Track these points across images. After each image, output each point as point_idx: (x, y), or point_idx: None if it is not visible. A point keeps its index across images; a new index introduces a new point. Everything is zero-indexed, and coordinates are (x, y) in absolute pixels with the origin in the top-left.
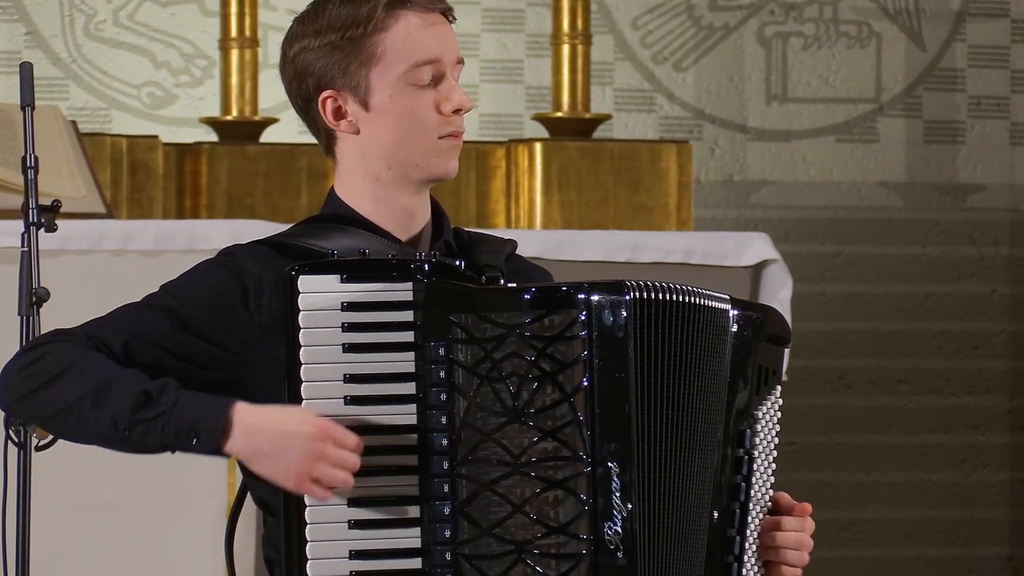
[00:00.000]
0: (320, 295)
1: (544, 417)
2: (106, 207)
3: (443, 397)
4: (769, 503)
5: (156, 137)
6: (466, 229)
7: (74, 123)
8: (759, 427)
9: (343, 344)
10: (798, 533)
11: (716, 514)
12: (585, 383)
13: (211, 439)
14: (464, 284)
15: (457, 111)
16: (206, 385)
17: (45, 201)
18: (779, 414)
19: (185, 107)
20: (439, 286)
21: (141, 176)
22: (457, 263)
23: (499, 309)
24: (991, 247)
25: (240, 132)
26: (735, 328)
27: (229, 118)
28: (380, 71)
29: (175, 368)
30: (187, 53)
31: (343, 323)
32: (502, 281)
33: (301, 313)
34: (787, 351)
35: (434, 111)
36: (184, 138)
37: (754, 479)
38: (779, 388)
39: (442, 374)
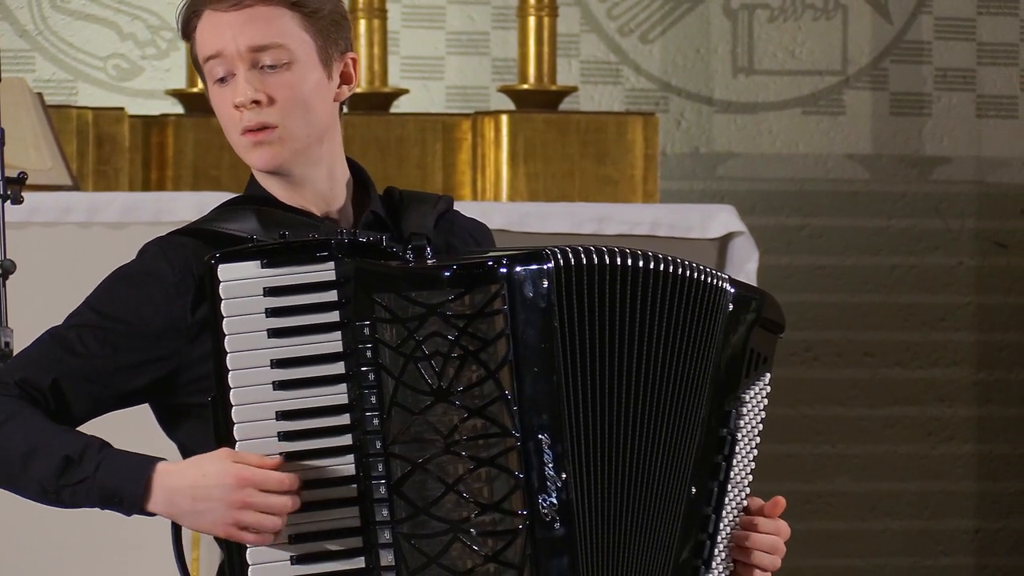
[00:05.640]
0: (241, 282)
1: (470, 395)
2: (72, 179)
3: (372, 377)
4: (748, 488)
5: (122, 109)
6: (399, 189)
7: (40, 95)
8: (745, 410)
9: (267, 330)
10: (772, 537)
11: (694, 489)
12: (509, 358)
13: (134, 504)
14: (385, 263)
15: (241, 106)
16: (142, 388)
17: (11, 173)
18: (765, 400)
19: (151, 79)
20: (360, 266)
21: (107, 148)
22: (380, 237)
23: (419, 288)
24: (957, 219)
25: (206, 104)
26: (730, 308)
27: (195, 90)
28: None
29: (108, 393)
30: (153, 25)
31: (266, 309)
32: (428, 249)
33: (223, 302)
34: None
35: (229, 107)
36: (150, 110)
37: (735, 460)
38: (768, 375)
39: (369, 353)
